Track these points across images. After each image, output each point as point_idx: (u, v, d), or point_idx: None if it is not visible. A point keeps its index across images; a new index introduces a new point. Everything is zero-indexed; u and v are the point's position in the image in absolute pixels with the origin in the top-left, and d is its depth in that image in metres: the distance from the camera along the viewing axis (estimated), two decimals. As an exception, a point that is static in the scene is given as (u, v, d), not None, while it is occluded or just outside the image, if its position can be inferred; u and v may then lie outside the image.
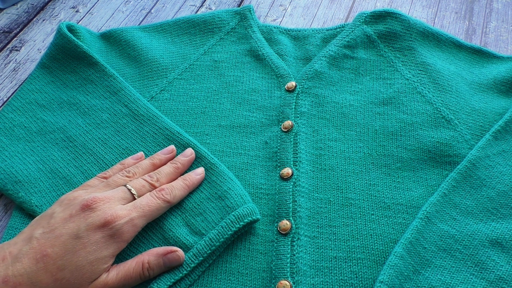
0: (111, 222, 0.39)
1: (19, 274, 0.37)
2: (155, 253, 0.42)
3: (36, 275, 0.37)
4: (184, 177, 0.47)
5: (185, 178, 0.46)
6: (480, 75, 0.58)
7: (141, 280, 0.41)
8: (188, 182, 0.46)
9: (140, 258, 0.41)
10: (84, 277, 0.38)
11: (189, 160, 0.48)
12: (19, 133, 0.53)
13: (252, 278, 0.43)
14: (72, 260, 0.38)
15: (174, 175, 0.47)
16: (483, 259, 0.42)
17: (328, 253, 0.45)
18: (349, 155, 0.51)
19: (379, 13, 0.63)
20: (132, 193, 0.43)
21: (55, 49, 0.59)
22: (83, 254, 0.38)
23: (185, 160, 0.48)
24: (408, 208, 0.47)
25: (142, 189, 0.44)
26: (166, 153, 0.49)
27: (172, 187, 0.45)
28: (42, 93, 0.57)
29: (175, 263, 0.42)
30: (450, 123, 0.53)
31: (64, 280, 0.37)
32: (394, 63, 0.59)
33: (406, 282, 0.40)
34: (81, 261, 0.38)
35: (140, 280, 0.41)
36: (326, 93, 0.56)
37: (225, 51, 0.62)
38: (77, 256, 0.38)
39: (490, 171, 0.48)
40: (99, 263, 0.39)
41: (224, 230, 0.44)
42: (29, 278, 0.37)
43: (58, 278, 0.37)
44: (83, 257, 0.38)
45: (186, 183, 0.46)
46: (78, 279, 0.38)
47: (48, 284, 0.37)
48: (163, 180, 0.46)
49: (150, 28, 0.65)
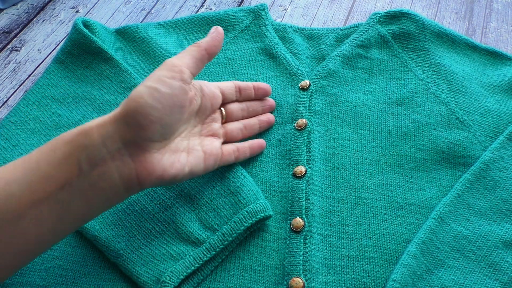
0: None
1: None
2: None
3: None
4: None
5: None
6: (494, 77, 0.58)
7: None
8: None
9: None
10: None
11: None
12: (34, 126, 0.54)
13: (265, 274, 0.44)
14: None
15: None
16: (497, 261, 0.42)
17: (341, 251, 0.45)
18: (362, 155, 0.51)
19: (393, 13, 0.63)
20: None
21: (70, 44, 0.60)
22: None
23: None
24: (421, 209, 0.47)
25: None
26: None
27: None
28: (57, 87, 0.57)
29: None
30: (464, 124, 0.53)
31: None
32: (408, 64, 0.59)
33: (419, 282, 0.40)
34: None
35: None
36: (340, 92, 0.57)
37: (239, 49, 0.62)
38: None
39: (504, 173, 0.48)
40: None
41: (237, 226, 0.44)
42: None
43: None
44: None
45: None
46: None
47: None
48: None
49: (164, 25, 0.65)
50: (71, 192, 0.34)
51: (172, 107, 0.38)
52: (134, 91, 0.37)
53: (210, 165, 0.44)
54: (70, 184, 0.34)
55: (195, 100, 0.44)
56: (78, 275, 0.44)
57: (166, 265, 0.42)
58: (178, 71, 0.39)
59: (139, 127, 0.36)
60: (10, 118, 0.55)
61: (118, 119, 0.36)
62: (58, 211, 0.34)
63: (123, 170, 0.36)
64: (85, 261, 0.45)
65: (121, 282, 0.43)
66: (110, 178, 0.36)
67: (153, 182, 0.38)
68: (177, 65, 0.40)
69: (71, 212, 0.35)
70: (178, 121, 0.40)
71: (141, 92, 0.37)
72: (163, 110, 0.37)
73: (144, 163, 0.37)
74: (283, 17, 0.71)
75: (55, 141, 0.35)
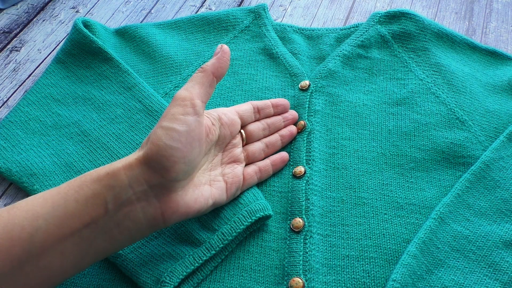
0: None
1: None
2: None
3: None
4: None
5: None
6: (495, 77, 0.58)
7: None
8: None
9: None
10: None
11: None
12: (34, 126, 0.54)
13: (265, 274, 0.43)
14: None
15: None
16: (497, 261, 0.42)
17: (341, 251, 0.45)
18: (363, 155, 0.51)
19: (393, 13, 0.63)
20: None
21: (70, 44, 0.60)
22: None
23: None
24: (421, 209, 0.47)
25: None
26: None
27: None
28: (57, 87, 0.57)
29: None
30: (464, 124, 0.53)
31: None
32: (408, 64, 0.59)
33: (419, 282, 0.40)
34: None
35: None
36: (340, 92, 0.57)
37: (239, 49, 0.62)
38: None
39: (504, 173, 0.48)
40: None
41: (236, 225, 0.44)
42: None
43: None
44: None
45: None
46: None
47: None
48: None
49: (164, 25, 0.65)
50: (96, 230, 0.35)
51: (191, 143, 0.38)
52: (153, 133, 0.37)
53: (232, 193, 0.45)
54: (95, 222, 0.35)
55: (214, 130, 0.44)
56: (78, 275, 0.44)
57: (165, 265, 0.42)
58: (191, 105, 0.39)
59: (164, 170, 0.36)
60: (10, 118, 0.55)
61: (143, 162, 0.36)
62: (82, 247, 0.35)
63: (148, 210, 0.37)
64: (85, 261, 0.45)
65: (121, 282, 0.43)
66: (135, 217, 0.36)
67: (177, 219, 0.39)
68: (187, 98, 0.39)
69: (94, 248, 0.36)
70: (198, 156, 0.40)
71: (160, 135, 0.37)
72: (184, 148, 0.37)
73: (169, 203, 0.38)
74: (283, 17, 0.71)
75: (83, 178, 0.36)
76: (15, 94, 0.62)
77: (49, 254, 0.34)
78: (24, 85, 0.63)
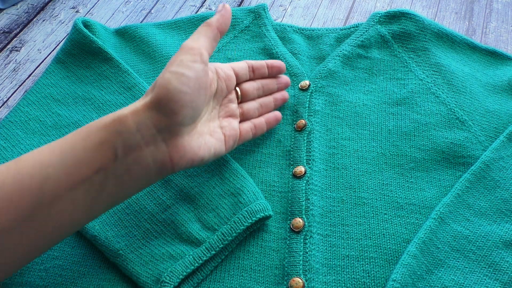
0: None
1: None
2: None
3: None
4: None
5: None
6: (495, 77, 0.58)
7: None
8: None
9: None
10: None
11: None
12: (34, 126, 0.54)
13: (265, 274, 0.43)
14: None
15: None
16: (497, 261, 0.42)
17: (341, 251, 0.45)
18: (362, 155, 0.51)
19: (393, 13, 0.63)
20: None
21: (70, 44, 0.60)
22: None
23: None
24: (421, 209, 0.47)
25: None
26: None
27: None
28: (57, 87, 0.57)
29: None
30: (464, 124, 0.53)
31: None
32: (408, 64, 0.59)
33: (419, 281, 0.40)
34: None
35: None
36: (340, 92, 0.57)
37: (239, 49, 0.62)
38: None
39: (504, 173, 0.48)
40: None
41: (237, 225, 0.44)
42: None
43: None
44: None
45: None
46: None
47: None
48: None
49: (164, 25, 0.65)
50: (106, 176, 0.35)
51: (199, 89, 0.39)
52: (161, 78, 0.38)
53: (230, 146, 0.46)
54: (105, 169, 0.35)
55: (214, 81, 0.45)
56: (78, 275, 0.44)
57: (165, 264, 0.42)
58: (198, 54, 0.40)
59: (172, 113, 0.37)
60: (10, 118, 0.55)
61: (151, 106, 0.37)
62: (93, 194, 0.35)
63: (157, 155, 0.37)
64: (85, 261, 0.45)
65: (121, 282, 0.43)
66: (144, 162, 0.37)
67: (184, 165, 0.39)
68: (195, 47, 0.40)
69: (105, 194, 0.36)
70: (203, 104, 0.41)
71: (169, 79, 0.37)
72: (192, 94, 0.38)
73: (177, 147, 0.38)
74: (283, 17, 0.71)
75: (89, 127, 0.36)
76: (15, 94, 0.62)
77: (60, 202, 0.34)
78: (24, 85, 0.63)
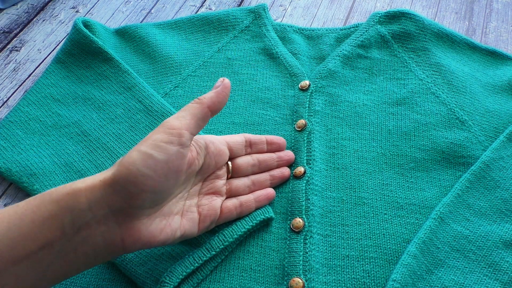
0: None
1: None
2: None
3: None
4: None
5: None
6: (495, 77, 0.58)
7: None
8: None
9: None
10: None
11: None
12: (34, 126, 0.54)
13: (265, 274, 0.43)
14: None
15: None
16: (497, 261, 0.42)
17: (341, 251, 0.45)
18: (363, 155, 0.51)
19: (393, 13, 0.63)
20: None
21: (70, 44, 0.60)
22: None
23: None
24: (421, 208, 0.47)
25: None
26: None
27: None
28: (57, 87, 0.57)
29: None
30: (464, 124, 0.53)
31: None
32: (408, 64, 0.59)
33: (419, 282, 0.40)
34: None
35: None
36: (340, 92, 0.57)
37: (239, 49, 0.62)
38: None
39: (504, 173, 0.48)
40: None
41: (238, 227, 0.44)
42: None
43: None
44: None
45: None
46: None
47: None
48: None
49: (164, 25, 0.65)
50: (52, 253, 0.33)
51: (167, 174, 0.36)
52: (127, 156, 0.35)
53: (205, 226, 0.42)
54: (51, 245, 0.33)
55: (197, 160, 0.41)
56: (78, 275, 0.44)
57: (165, 264, 0.42)
58: (177, 135, 0.36)
59: (128, 196, 0.34)
60: (10, 118, 0.55)
61: (108, 185, 0.34)
62: (38, 270, 0.33)
63: (107, 235, 0.35)
64: (85, 261, 0.45)
65: (121, 282, 0.43)
66: (93, 242, 0.34)
67: (139, 247, 0.36)
68: (176, 127, 0.37)
69: (50, 271, 0.34)
70: (173, 187, 0.38)
71: (133, 158, 0.34)
72: (157, 178, 0.35)
73: (131, 230, 0.35)
74: (283, 17, 0.71)
75: (43, 196, 0.34)
76: (15, 94, 0.62)
77: (3, 276, 0.32)
78: (24, 85, 0.63)
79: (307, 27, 0.66)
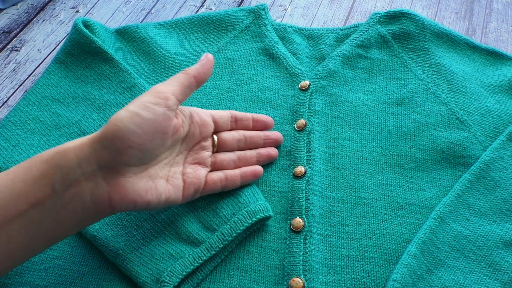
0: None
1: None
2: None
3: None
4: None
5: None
6: (495, 77, 0.58)
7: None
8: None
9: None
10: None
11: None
12: (34, 126, 0.54)
13: (265, 274, 0.43)
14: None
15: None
16: (497, 260, 0.42)
17: (341, 251, 0.45)
18: (362, 155, 0.51)
19: (393, 13, 0.63)
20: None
21: (70, 44, 0.60)
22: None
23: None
24: (421, 208, 0.47)
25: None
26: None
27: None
28: (57, 87, 0.57)
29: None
30: (464, 124, 0.53)
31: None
32: (408, 64, 0.59)
33: (419, 281, 0.40)
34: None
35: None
36: (340, 92, 0.57)
37: (239, 49, 0.62)
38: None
39: (504, 173, 0.48)
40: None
41: (236, 226, 0.44)
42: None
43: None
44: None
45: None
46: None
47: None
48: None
49: (164, 25, 0.65)
50: (43, 211, 0.34)
51: (153, 133, 0.38)
52: (116, 114, 0.37)
53: (190, 194, 0.43)
54: (42, 203, 0.34)
55: (182, 128, 0.43)
56: (78, 275, 0.44)
57: (165, 264, 0.42)
58: (163, 98, 0.39)
59: (116, 151, 0.36)
60: (10, 118, 0.55)
61: (96, 141, 0.36)
62: (29, 230, 0.34)
63: (96, 192, 0.36)
64: (85, 261, 0.45)
65: (121, 282, 0.43)
66: (82, 199, 0.35)
67: (124, 206, 0.37)
68: (163, 91, 0.39)
69: (42, 231, 0.35)
70: (159, 148, 0.39)
71: (121, 116, 0.36)
72: (144, 136, 0.37)
73: (118, 187, 0.36)
74: (283, 17, 0.71)
75: (33, 159, 0.35)
76: (15, 94, 0.62)
77: None
78: (24, 85, 0.63)
79: (307, 27, 0.66)
